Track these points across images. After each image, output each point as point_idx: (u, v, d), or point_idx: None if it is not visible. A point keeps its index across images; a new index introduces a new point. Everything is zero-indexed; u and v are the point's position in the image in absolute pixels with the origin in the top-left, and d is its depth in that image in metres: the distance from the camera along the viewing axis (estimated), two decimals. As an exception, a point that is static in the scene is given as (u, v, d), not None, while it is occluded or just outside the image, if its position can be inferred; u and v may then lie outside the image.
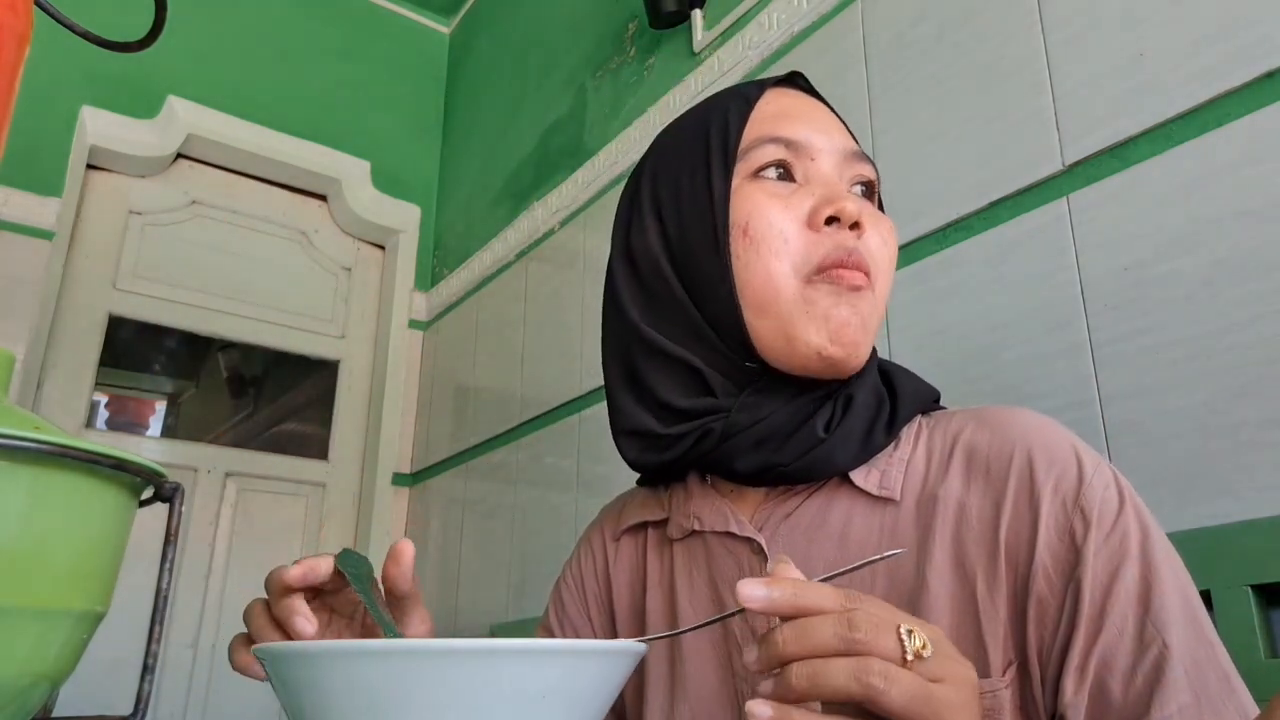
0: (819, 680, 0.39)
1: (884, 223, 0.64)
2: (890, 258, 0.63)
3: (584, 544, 0.78)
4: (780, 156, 0.62)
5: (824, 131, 0.64)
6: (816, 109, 0.66)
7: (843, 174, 0.63)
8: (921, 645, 0.40)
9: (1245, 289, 0.81)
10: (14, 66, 0.40)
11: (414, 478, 2.33)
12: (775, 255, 0.59)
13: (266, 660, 0.39)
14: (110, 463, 0.37)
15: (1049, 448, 0.57)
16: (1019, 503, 0.56)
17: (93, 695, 1.64)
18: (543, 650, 0.37)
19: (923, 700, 0.39)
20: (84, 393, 2.00)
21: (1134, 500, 0.54)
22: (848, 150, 0.64)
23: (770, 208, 0.60)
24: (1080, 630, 0.51)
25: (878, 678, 0.38)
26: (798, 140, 0.63)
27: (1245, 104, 0.84)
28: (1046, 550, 0.54)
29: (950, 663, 0.41)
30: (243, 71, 2.29)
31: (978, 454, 0.59)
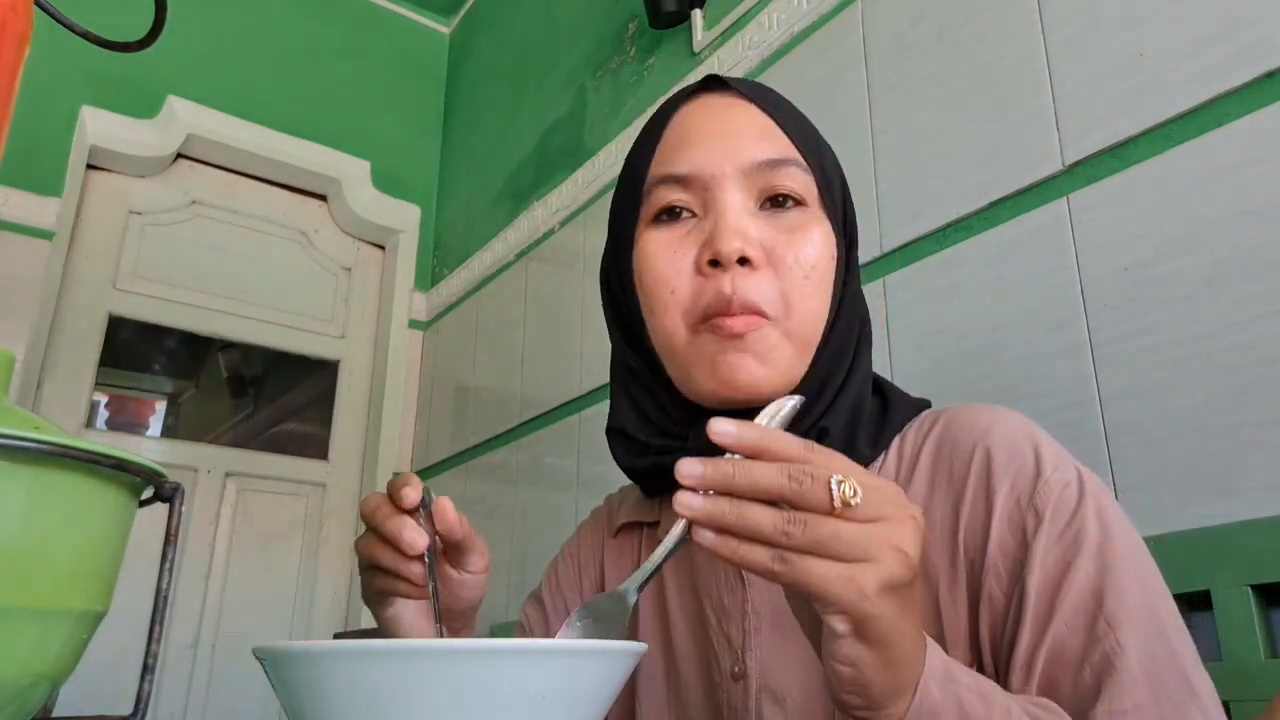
0: (745, 520, 0.39)
1: (797, 240, 0.60)
2: (804, 275, 0.59)
3: (584, 531, 0.79)
4: (671, 200, 0.61)
5: (726, 149, 0.61)
6: (726, 119, 0.63)
7: (751, 190, 0.60)
8: (851, 493, 0.39)
9: (1245, 289, 0.81)
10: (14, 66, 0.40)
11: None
12: (665, 310, 0.60)
13: (266, 660, 0.39)
14: (110, 463, 0.37)
15: (1010, 445, 0.56)
16: (975, 501, 0.55)
17: (93, 695, 1.64)
18: (543, 650, 0.37)
19: (837, 541, 0.39)
20: (84, 393, 2.00)
21: (1099, 501, 0.53)
22: (754, 163, 0.60)
23: (657, 259, 0.61)
24: (1026, 624, 0.50)
25: (794, 526, 0.39)
26: (690, 174, 0.61)
27: (1245, 104, 0.84)
28: (998, 548, 0.53)
29: (889, 506, 0.41)
30: (243, 71, 2.29)
31: (942, 455, 0.59)
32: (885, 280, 1.15)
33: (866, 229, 1.18)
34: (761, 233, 0.59)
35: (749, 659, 0.59)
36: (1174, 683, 0.47)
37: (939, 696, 0.42)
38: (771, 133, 0.62)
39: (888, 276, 1.15)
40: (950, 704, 0.42)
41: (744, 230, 0.58)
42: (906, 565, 0.40)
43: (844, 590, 0.38)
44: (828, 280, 0.60)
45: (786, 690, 0.57)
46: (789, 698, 0.57)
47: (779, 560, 0.39)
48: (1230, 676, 0.71)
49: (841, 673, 0.41)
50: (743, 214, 0.59)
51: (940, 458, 0.59)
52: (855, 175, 1.20)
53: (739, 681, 0.59)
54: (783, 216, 0.60)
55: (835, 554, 0.39)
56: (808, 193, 0.61)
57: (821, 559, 0.39)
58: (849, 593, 0.38)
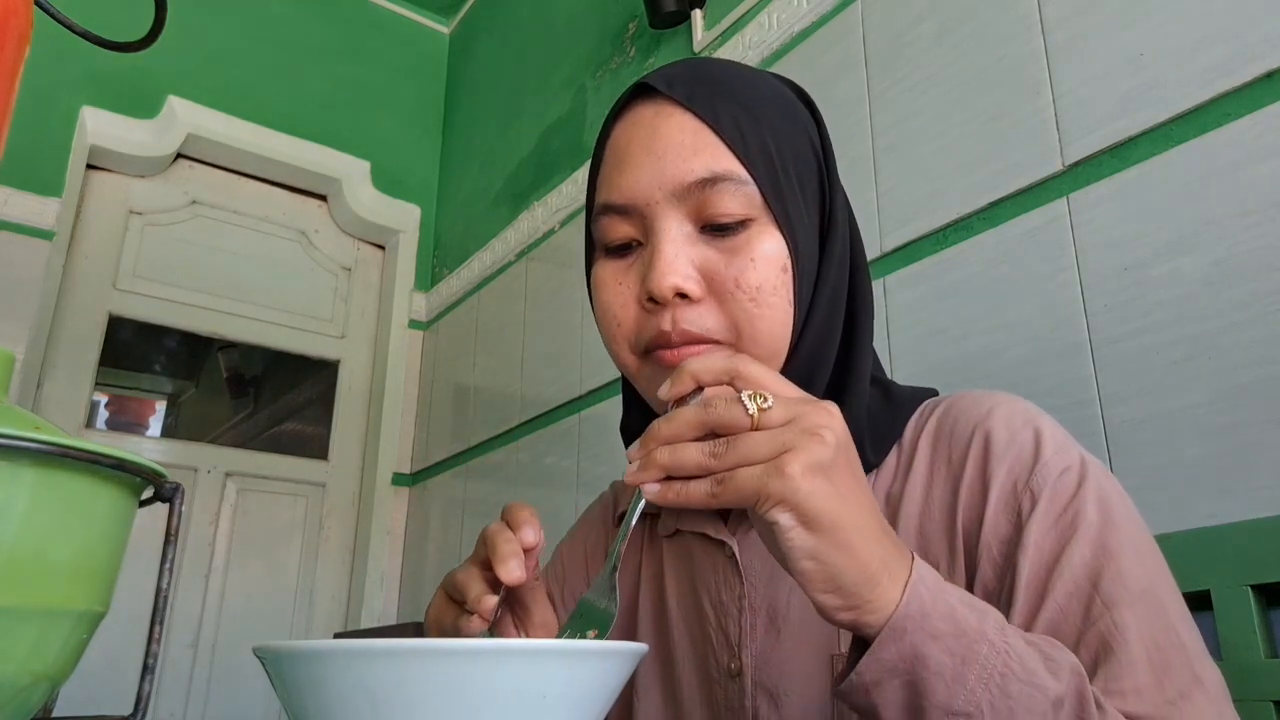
0: (678, 455, 0.43)
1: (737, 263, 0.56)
2: (750, 299, 0.56)
3: (590, 518, 0.79)
4: (615, 233, 0.59)
5: (655, 174, 0.57)
6: (654, 135, 0.58)
7: (689, 211, 0.57)
8: (763, 400, 0.42)
9: (1245, 289, 0.81)
10: (14, 66, 0.40)
11: (414, 478, 2.33)
12: (613, 339, 0.60)
13: (267, 660, 0.39)
14: (110, 463, 0.37)
15: (1009, 428, 0.55)
16: (973, 485, 0.54)
17: (93, 695, 1.64)
18: (543, 650, 0.37)
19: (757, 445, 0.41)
20: (84, 393, 2.00)
21: (1100, 487, 0.52)
22: (683, 186, 0.56)
23: (604, 291, 0.60)
24: (1018, 607, 0.49)
25: (719, 447, 0.42)
26: (627, 203, 0.58)
27: (1245, 104, 0.84)
28: (993, 533, 0.52)
29: (800, 404, 0.43)
30: (243, 71, 2.29)
31: (940, 441, 0.58)
32: (885, 280, 1.15)
33: (866, 229, 1.18)
34: (704, 258, 0.56)
35: (745, 656, 0.59)
36: (1179, 669, 0.46)
37: (928, 600, 0.42)
38: (704, 143, 0.57)
39: (888, 276, 1.15)
40: (940, 609, 0.42)
41: (676, 266, 0.55)
42: (825, 445, 0.41)
43: (771, 481, 0.40)
44: (780, 295, 0.57)
45: (783, 688, 0.57)
46: (786, 695, 0.57)
47: (715, 483, 0.41)
48: (1230, 676, 0.71)
49: (805, 569, 0.41)
50: (679, 244, 0.56)
51: (939, 444, 0.58)
52: (855, 175, 1.21)
53: (735, 679, 0.59)
54: (724, 240, 0.57)
55: (760, 457, 0.41)
56: (749, 206, 0.57)
57: (746, 467, 0.41)
58: (776, 481, 0.40)
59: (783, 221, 0.57)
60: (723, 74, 0.61)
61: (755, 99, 0.60)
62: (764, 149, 0.58)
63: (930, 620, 0.41)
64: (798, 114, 0.62)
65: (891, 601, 0.41)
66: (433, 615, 0.57)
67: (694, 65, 0.62)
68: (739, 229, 0.57)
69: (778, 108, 0.60)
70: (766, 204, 0.57)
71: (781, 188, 0.58)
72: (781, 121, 0.60)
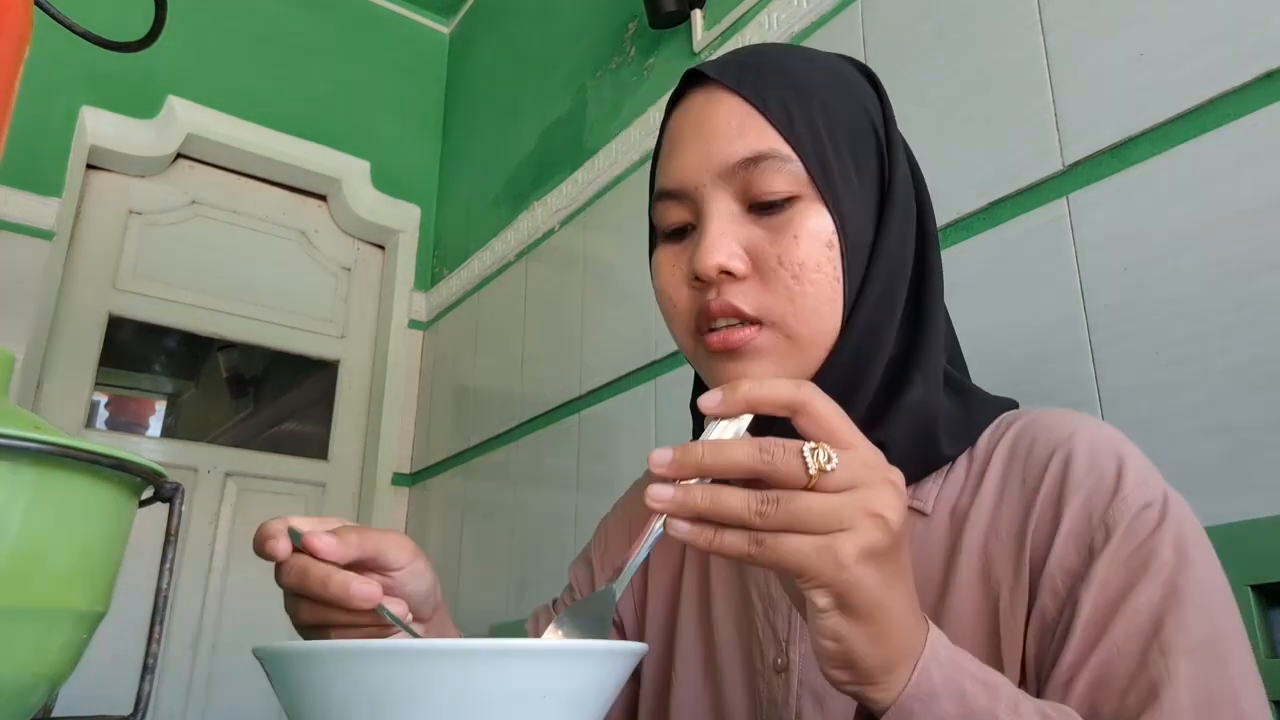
0: (719, 503, 0.38)
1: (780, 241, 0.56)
2: (793, 277, 0.56)
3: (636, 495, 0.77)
4: (670, 218, 0.60)
5: (702, 156, 0.58)
6: (702, 119, 0.60)
7: (736, 192, 0.57)
8: (825, 460, 0.37)
9: (1245, 289, 0.81)
10: (14, 66, 0.40)
11: (414, 478, 2.33)
12: (673, 321, 0.61)
13: (266, 660, 0.38)
14: (110, 463, 0.37)
15: (1091, 454, 0.52)
16: (1045, 511, 0.52)
17: (93, 695, 1.64)
18: (543, 650, 0.37)
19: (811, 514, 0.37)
20: (84, 393, 2.00)
21: (1180, 529, 0.48)
22: (728, 166, 0.57)
23: (661, 275, 0.61)
24: (1074, 641, 0.47)
25: (766, 505, 0.37)
26: (677, 188, 0.59)
27: (1245, 104, 0.84)
28: (1059, 563, 0.50)
29: (865, 470, 0.39)
30: (243, 71, 2.29)
31: (1016, 459, 0.55)
32: (885, 280, 1.15)
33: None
34: (749, 237, 0.57)
35: (793, 652, 0.57)
36: None
37: (938, 680, 0.40)
38: (750, 123, 0.58)
39: (888, 276, 1.15)
40: (950, 689, 0.40)
41: (721, 245, 0.56)
42: (886, 531, 0.38)
43: (821, 562, 0.37)
44: (825, 272, 0.56)
45: (830, 689, 0.54)
46: (832, 697, 0.54)
47: (754, 543, 0.38)
48: (1230, 676, 0.71)
49: (826, 648, 0.39)
50: (726, 223, 0.57)
51: (1014, 462, 0.55)
52: (855, 175, 1.21)
53: (781, 674, 0.57)
54: (770, 218, 0.57)
55: (810, 527, 0.37)
56: (794, 184, 0.57)
57: (795, 534, 0.37)
58: (826, 564, 0.37)
59: (829, 197, 0.57)
60: (776, 56, 0.61)
61: (806, 78, 0.60)
62: (811, 126, 0.57)
63: (938, 702, 0.40)
64: (854, 90, 0.61)
65: (900, 681, 0.40)
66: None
67: (750, 50, 0.63)
68: (784, 207, 0.57)
69: (831, 84, 0.60)
70: (812, 180, 0.57)
71: (829, 164, 0.57)
72: (834, 98, 0.59)
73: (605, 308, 1.71)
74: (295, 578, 0.52)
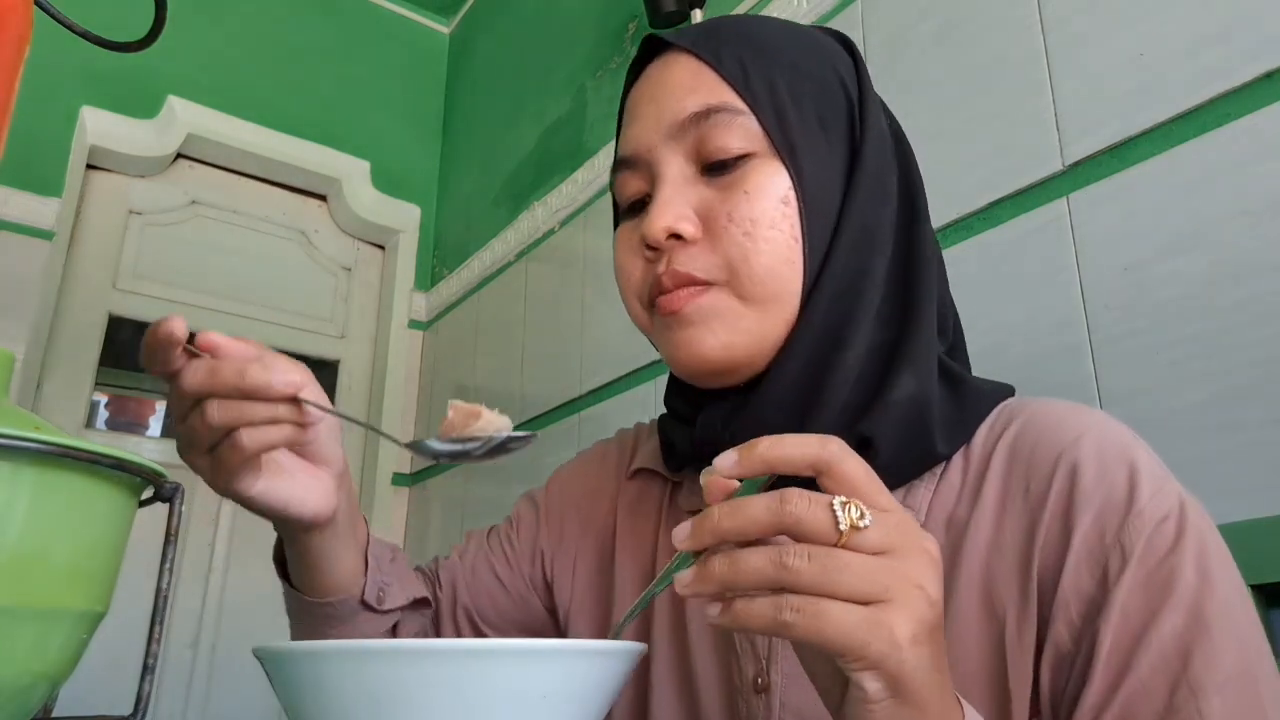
0: (741, 569, 0.34)
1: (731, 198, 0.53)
2: (745, 234, 0.52)
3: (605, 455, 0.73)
4: (627, 190, 0.58)
5: (655, 116, 0.56)
6: (659, 82, 0.57)
7: (688, 152, 0.55)
8: (858, 515, 0.34)
9: (1245, 289, 0.81)
10: (14, 66, 0.40)
11: (414, 478, 2.33)
12: (625, 294, 0.59)
13: (266, 660, 0.39)
14: (110, 463, 0.37)
15: (1100, 463, 0.47)
16: (1052, 527, 0.47)
17: (93, 695, 1.64)
18: (543, 650, 0.37)
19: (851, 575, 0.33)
20: (84, 393, 2.00)
21: (1201, 541, 0.45)
22: (677, 121, 0.54)
23: (619, 249, 0.59)
24: (1095, 679, 0.43)
25: (795, 559, 0.33)
26: (632, 154, 0.57)
27: (1245, 104, 0.84)
28: (1072, 587, 0.45)
29: (899, 534, 0.35)
30: (243, 71, 2.29)
31: (1017, 464, 0.50)
32: (885, 280, 1.15)
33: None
34: (701, 198, 0.54)
35: (774, 672, 0.53)
36: None
37: None
38: (703, 79, 0.55)
39: (888, 276, 1.15)
40: None
41: (670, 207, 0.54)
42: (931, 605, 0.34)
43: (874, 638, 0.32)
44: (780, 229, 0.53)
45: (816, 713, 0.50)
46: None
47: (789, 610, 0.33)
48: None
49: None
50: (678, 185, 0.54)
51: (1015, 467, 0.50)
52: (855, 175, 1.21)
53: (761, 695, 0.53)
54: (722, 177, 0.54)
55: (851, 591, 0.33)
56: (748, 140, 0.53)
57: (838, 602, 0.33)
58: (881, 641, 0.32)
59: (784, 152, 0.54)
60: (740, 20, 0.59)
61: (768, 37, 0.57)
62: (768, 81, 0.55)
63: None
64: (822, 49, 0.58)
65: None
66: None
67: (715, 18, 0.61)
68: (737, 164, 0.54)
69: (795, 43, 0.58)
70: (768, 136, 0.54)
71: (787, 118, 0.54)
72: (797, 55, 0.57)
73: (605, 308, 1.71)
74: (203, 376, 0.47)
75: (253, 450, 0.48)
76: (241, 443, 0.48)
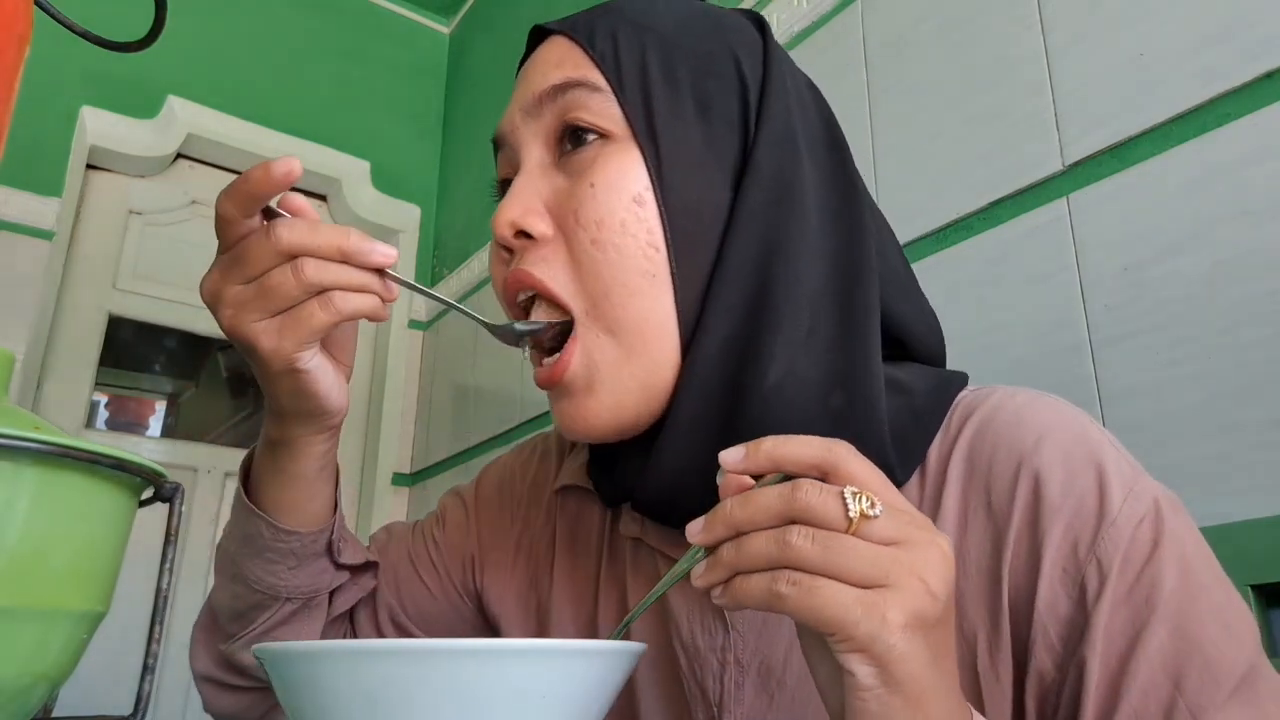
0: (746, 550, 0.34)
1: (578, 190, 0.47)
2: (591, 240, 0.46)
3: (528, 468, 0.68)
4: (500, 174, 0.54)
5: (520, 96, 0.51)
6: (532, 63, 0.53)
7: (548, 136, 0.50)
8: (868, 505, 0.33)
9: (1245, 289, 0.81)
10: (14, 66, 0.40)
11: (414, 478, 2.33)
12: (500, 301, 0.53)
13: (266, 660, 0.38)
14: (110, 463, 0.37)
15: (1066, 470, 0.44)
16: (1020, 545, 0.44)
17: (93, 695, 1.64)
18: (543, 650, 0.37)
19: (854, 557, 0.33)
20: (84, 393, 2.00)
21: (1179, 542, 0.42)
22: (534, 96, 0.49)
23: (491, 246, 0.53)
24: (1087, 713, 0.40)
25: (798, 537, 0.33)
26: (498, 135, 0.53)
27: (1245, 104, 0.84)
28: (1048, 609, 0.42)
29: (912, 528, 0.34)
30: (243, 71, 2.29)
31: (976, 474, 0.47)
32: (885, 280, 1.15)
33: (866, 229, 1.18)
34: (554, 189, 0.48)
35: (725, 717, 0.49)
36: None
37: None
38: (569, 57, 0.50)
39: (888, 276, 1.15)
40: None
41: (517, 200, 0.48)
42: (932, 599, 0.33)
43: (862, 618, 0.32)
44: (636, 236, 0.46)
45: None
46: None
47: (785, 582, 0.33)
48: (1230, 676, 0.71)
49: None
50: (531, 175, 0.49)
51: (974, 477, 0.47)
52: (855, 175, 1.21)
53: None
54: (573, 158, 0.48)
55: (851, 573, 0.32)
56: (605, 120, 0.48)
57: (836, 582, 0.33)
58: (868, 621, 0.32)
59: (644, 140, 0.47)
60: (630, 2, 0.53)
61: (653, 16, 0.51)
62: (639, 58, 0.49)
63: None
64: (720, 30, 0.52)
65: None
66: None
67: (604, 3, 0.55)
68: (587, 144, 0.48)
69: (685, 21, 0.51)
70: (628, 119, 0.48)
71: (654, 101, 0.48)
72: (683, 33, 0.51)
73: (605, 308, 1.71)
74: (303, 231, 0.45)
75: (346, 313, 0.46)
76: (337, 304, 0.46)
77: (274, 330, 0.47)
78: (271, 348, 0.47)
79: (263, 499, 0.58)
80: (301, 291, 0.45)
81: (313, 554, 0.59)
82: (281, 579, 0.59)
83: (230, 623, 0.62)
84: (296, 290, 0.45)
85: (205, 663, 0.63)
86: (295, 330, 0.46)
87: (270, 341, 0.47)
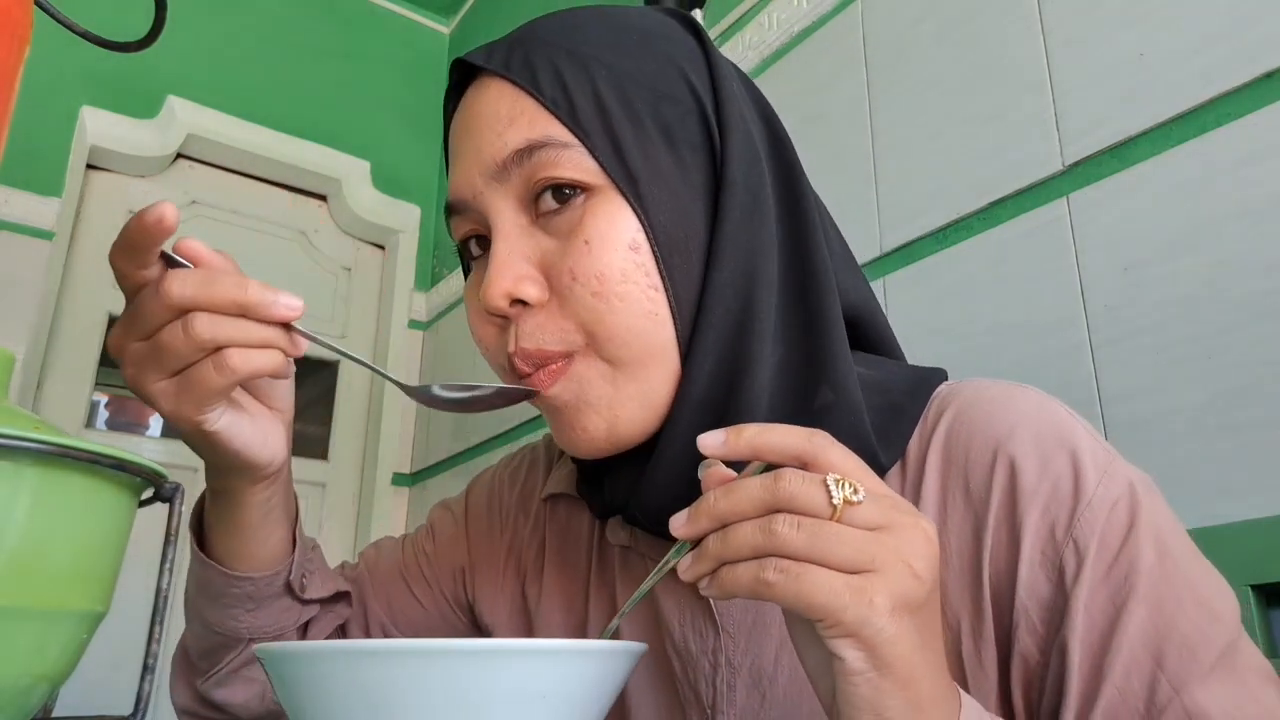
0: (731, 540, 0.34)
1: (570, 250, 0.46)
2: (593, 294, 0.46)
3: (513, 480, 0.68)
4: (459, 232, 0.52)
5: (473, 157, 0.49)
6: (472, 116, 0.50)
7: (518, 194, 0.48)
8: (851, 491, 0.34)
9: (1245, 289, 0.81)
10: (14, 66, 0.40)
11: (414, 478, 2.33)
12: (491, 365, 0.52)
13: (266, 660, 0.39)
14: (110, 463, 0.37)
15: (1041, 453, 0.45)
16: (999, 532, 0.44)
17: (93, 695, 1.64)
18: (543, 650, 0.37)
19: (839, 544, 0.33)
20: (84, 393, 2.00)
21: (1155, 521, 0.42)
22: (499, 161, 0.47)
23: (469, 309, 0.52)
24: (1071, 694, 0.41)
25: (784, 525, 0.33)
26: (457, 199, 0.50)
27: (1245, 104, 0.84)
28: (1029, 593, 0.43)
29: (895, 512, 0.35)
30: (243, 71, 2.29)
31: (954, 462, 0.47)
32: (885, 280, 1.15)
33: (866, 229, 1.18)
34: (542, 251, 0.47)
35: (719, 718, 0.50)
36: None
37: None
38: (520, 109, 0.48)
39: (887, 276, 1.15)
40: None
41: (507, 268, 0.47)
42: (919, 581, 0.34)
43: (850, 602, 0.32)
44: (634, 282, 0.46)
45: None
46: None
47: (773, 570, 0.33)
48: (1230, 676, 0.71)
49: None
50: (512, 241, 0.47)
51: (952, 466, 0.47)
52: (855, 175, 1.21)
53: None
54: (558, 218, 0.47)
55: (837, 559, 0.33)
56: (581, 173, 0.47)
57: (823, 568, 0.33)
58: (856, 606, 0.32)
59: (625, 186, 0.46)
60: (553, 24, 0.51)
61: (588, 43, 0.49)
62: (596, 99, 0.47)
63: None
64: (657, 45, 0.50)
65: None
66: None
67: (526, 25, 0.52)
68: (570, 203, 0.47)
69: (622, 43, 0.50)
70: (603, 168, 0.47)
71: (624, 143, 0.47)
72: (626, 60, 0.49)
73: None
74: (196, 284, 0.42)
75: (242, 374, 0.43)
76: (232, 364, 0.43)
77: (172, 393, 0.44)
78: (171, 410, 0.45)
79: (213, 547, 0.57)
80: (192, 351, 0.43)
81: (270, 595, 0.58)
82: (242, 621, 0.58)
83: (200, 660, 0.61)
84: (186, 350, 0.42)
85: (184, 698, 0.64)
86: (190, 393, 0.44)
87: (169, 405, 0.45)
